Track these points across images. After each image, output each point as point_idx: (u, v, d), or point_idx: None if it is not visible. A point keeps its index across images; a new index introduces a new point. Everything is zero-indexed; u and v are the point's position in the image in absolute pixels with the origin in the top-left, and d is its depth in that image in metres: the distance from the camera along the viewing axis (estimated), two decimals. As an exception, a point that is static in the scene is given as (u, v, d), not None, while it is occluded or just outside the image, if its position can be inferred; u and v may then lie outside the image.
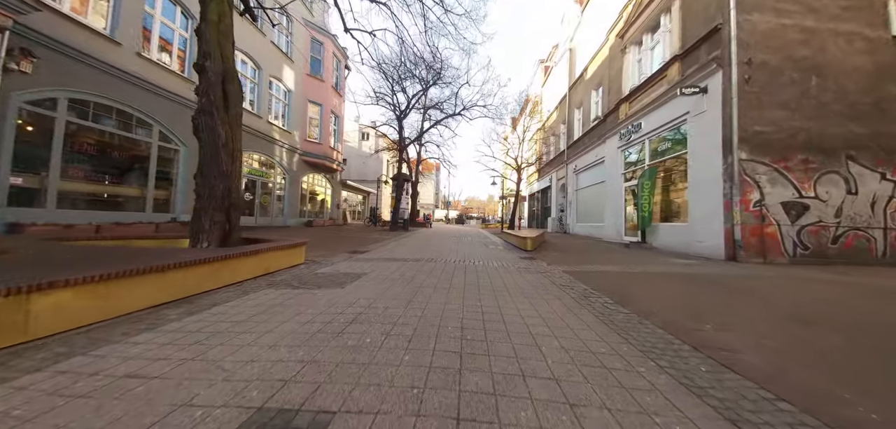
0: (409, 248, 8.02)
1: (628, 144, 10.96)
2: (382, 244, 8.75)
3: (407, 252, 7.06)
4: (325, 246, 7.93)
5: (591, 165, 14.37)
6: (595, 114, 14.61)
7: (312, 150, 16.84)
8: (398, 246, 8.41)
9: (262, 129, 13.61)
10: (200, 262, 3.16)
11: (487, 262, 5.97)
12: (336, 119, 19.64)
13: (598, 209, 13.47)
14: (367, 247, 7.93)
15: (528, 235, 8.73)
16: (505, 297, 3.35)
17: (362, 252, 6.86)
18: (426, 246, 8.59)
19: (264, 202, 14.03)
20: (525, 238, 8.30)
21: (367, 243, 8.85)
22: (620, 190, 11.33)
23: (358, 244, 8.54)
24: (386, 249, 7.68)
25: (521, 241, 8.57)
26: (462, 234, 15.65)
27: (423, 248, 8.10)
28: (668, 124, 8.83)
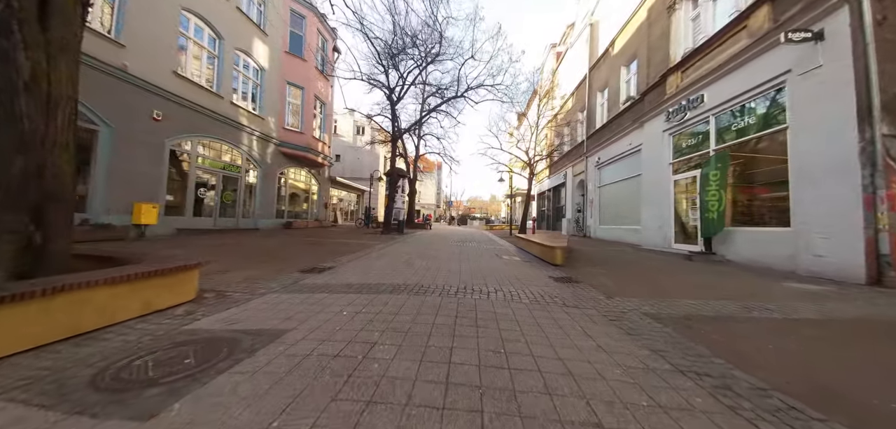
0: (394, 261, 5.83)
1: (680, 125, 8.71)
2: (361, 255, 6.57)
3: (387, 271, 4.88)
4: (278, 258, 5.79)
5: (621, 155, 12.12)
6: (626, 94, 12.36)
7: (292, 139, 14.70)
8: (380, 258, 6.23)
9: (224, 111, 11.47)
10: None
11: (507, 289, 3.79)
12: (322, 106, 17.50)
13: (631, 209, 11.22)
14: (337, 259, 5.78)
15: (550, 243, 6.52)
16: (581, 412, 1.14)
17: (323, 270, 4.70)
18: (418, 258, 6.39)
19: (227, 200, 11.88)
20: (551, 247, 6.09)
21: (342, 253, 6.68)
22: (667, 184, 9.07)
23: (328, 255, 6.38)
24: (361, 263, 5.50)
25: (544, 250, 6.37)
26: (465, 237, 13.46)
27: (414, 260, 5.91)
28: (752, 92, 6.59)
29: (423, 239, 11.93)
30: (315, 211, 18.69)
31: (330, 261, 5.67)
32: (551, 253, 6.08)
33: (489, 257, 6.85)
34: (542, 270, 5.36)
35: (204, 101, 10.70)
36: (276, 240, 9.53)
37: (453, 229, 24.74)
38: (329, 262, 5.55)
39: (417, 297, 3.31)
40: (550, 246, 6.19)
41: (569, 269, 5.56)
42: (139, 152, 8.85)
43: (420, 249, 7.99)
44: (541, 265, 5.93)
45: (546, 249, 6.38)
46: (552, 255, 6.04)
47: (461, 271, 4.99)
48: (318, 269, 4.87)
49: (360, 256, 6.37)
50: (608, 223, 13.41)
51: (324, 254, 6.71)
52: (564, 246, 6.05)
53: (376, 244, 9.12)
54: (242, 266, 4.98)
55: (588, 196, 15.78)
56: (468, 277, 4.57)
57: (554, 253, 5.98)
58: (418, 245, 9.28)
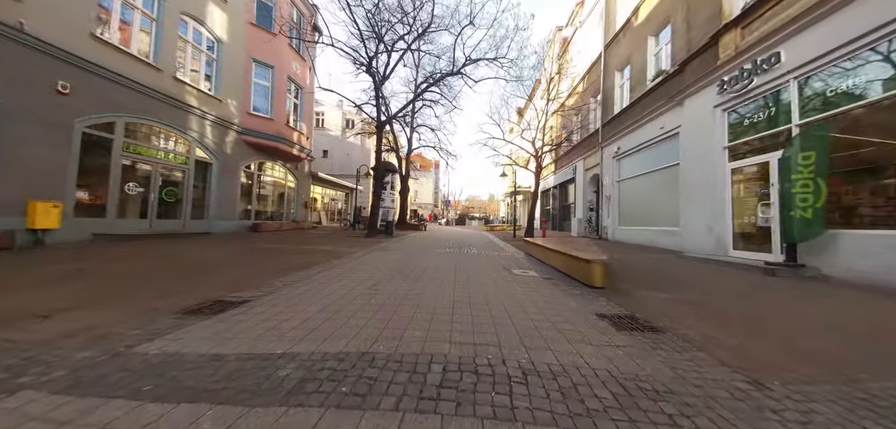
0: (356, 283, 3.91)
1: (741, 97, 6.83)
2: (316, 272, 4.66)
3: (331, 309, 3.02)
4: (191, 280, 3.95)
5: (649, 142, 10.24)
6: (655, 70, 10.49)
7: (259, 127, 12.71)
8: (341, 278, 4.31)
9: (164, 88, 9.50)
10: None
11: (544, 357, 1.84)
12: (299, 91, 15.52)
13: (664, 206, 9.35)
14: (276, 280, 3.91)
15: (579, 253, 4.65)
16: None
17: (228, 307, 2.91)
18: (396, 277, 4.48)
19: (169, 198, 9.87)
20: (584, 261, 4.21)
21: (293, 269, 4.79)
22: (721, 174, 7.19)
23: (271, 271, 4.51)
24: (302, 291, 3.63)
25: (572, 264, 4.52)
26: (463, 240, 11.55)
27: (387, 283, 4.00)
28: (861, 42, 4.71)
29: (412, 244, 10.00)
30: (293, 211, 16.70)
31: (262, 284, 3.75)
32: (585, 269, 4.17)
33: (495, 273, 4.92)
34: (580, 300, 3.46)
35: (135, 74, 8.71)
36: (225, 248, 7.58)
37: (450, 230, 22.82)
38: (256, 287, 3.64)
39: (338, 417, 1.40)
40: (582, 258, 4.28)
41: (616, 295, 3.67)
42: (36, 134, 6.88)
43: (404, 261, 6.05)
44: (570, 287, 4.03)
45: (575, 263, 4.47)
46: (586, 272, 4.13)
47: (455, 308, 3.06)
48: (224, 303, 2.99)
49: (314, 275, 4.44)
50: (631, 224, 11.53)
51: (267, 269, 4.80)
52: (603, 259, 4.11)
53: (351, 252, 7.18)
54: (105, 299, 3.08)
55: (604, 192, 13.90)
56: (466, 322, 2.66)
57: (590, 270, 4.07)
58: (404, 253, 7.35)
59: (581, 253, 4.57)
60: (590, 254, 4.50)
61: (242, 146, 12.44)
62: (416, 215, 44.07)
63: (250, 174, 13.36)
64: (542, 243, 6.91)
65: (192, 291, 3.51)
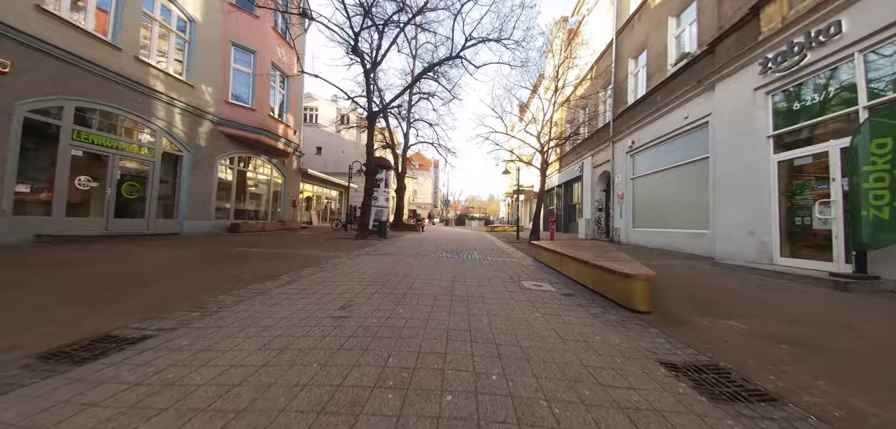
0: (321, 305, 2.96)
1: (791, 76, 5.88)
2: (275, 287, 3.70)
3: (264, 354, 2.00)
4: (104, 299, 2.90)
5: (670, 135, 9.30)
6: (677, 53, 9.55)
7: (239, 117, 11.72)
8: (302, 296, 3.35)
9: (125, 70, 8.53)
10: None
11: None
12: (285, 80, 14.53)
13: (689, 206, 8.43)
14: (220, 297, 2.90)
15: (613, 264, 3.69)
16: None
17: (101, 355, 1.81)
18: (374, 296, 3.55)
19: (130, 194, 8.87)
20: (621, 276, 3.25)
21: (251, 280, 3.82)
22: (765, 166, 6.24)
23: (221, 286, 3.51)
24: (235, 318, 2.68)
25: (604, 279, 3.57)
26: (463, 242, 10.56)
27: (360, 304, 3.05)
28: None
29: (406, 247, 9.03)
30: (280, 211, 15.71)
31: (197, 303, 2.80)
32: (622, 286, 3.21)
33: (502, 288, 3.95)
34: (624, 332, 2.50)
35: (89, 53, 7.75)
36: (184, 253, 6.61)
37: (449, 231, 21.83)
38: (186, 308, 2.66)
39: None
40: (618, 271, 3.31)
41: (671, 324, 2.71)
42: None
43: (391, 270, 5.08)
44: (601, 308, 3.07)
45: (605, 277, 3.50)
46: (624, 290, 3.17)
47: (449, 351, 2.09)
48: (113, 342, 2.02)
49: (272, 290, 3.47)
50: (647, 225, 10.59)
51: (217, 281, 3.86)
52: (648, 273, 3.14)
53: (332, 257, 6.22)
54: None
55: (615, 190, 12.96)
56: (465, 381, 1.68)
57: (629, 288, 3.11)
58: (394, 259, 6.38)
59: (613, 263, 3.61)
60: (624, 263, 3.53)
61: (220, 138, 11.45)
62: (414, 215, 43.14)
63: (229, 169, 12.36)
64: (553, 248, 5.95)
65: (87, 317, 2.54)
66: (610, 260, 3.83)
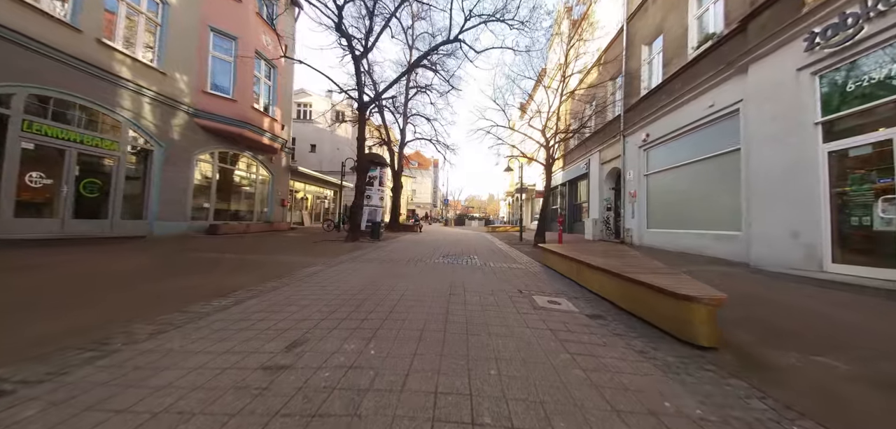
0: (261, 343, 2.18)
1: (844, 53, 5.11)
2: (214, 310, 2.94)
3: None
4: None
5: (693, 125, 8.52)
6: (699, 35, 8.78)
7: (218, 109, 10.92)
8: (243, 328, 2.58)
9: (85, 53, 7.77)
10: None
11: None
12: (271, 71, 13.72)
13: (717, 203, 7.66)
14: (131, 327, 2.10)
15: (657, 280, 2.90)
16: None
17: None
18: (346, 317, 2.80)
19: (91, 192, 8.07)
20: (683, 299, 2.44)
21: (192, 299, 3.06)
22: (812, 158, 5.47)
23: (144, 308, 2.74)
24: (116, 373, 1.87)
25: (646, 299, 2.77)
26: (462, 244, 9.76)
27: (315, 343, 2.27)
28: None
29: (399, 251, 8.25)
30: (267, 211, 14.90)
31: (93, 337, 2.00)
32: (676, 311, 2.41)
33: (510, 308, 3.16)
34: (701, 393, 1.71)
35: (44, 35, 6.98)
36: (141, 258, 5.84)
37: (448, 232, 21.04)
38: (57, 352, 1.86)
39: None
40: (674, 292, 2.51)
41: (758, 370, 1.93)
42: None
43: (375, 282, 4.30)
44: (652, 343, 2.28)
45: (651, 296, 2.71)
46: (680, 316, 2.38)
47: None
48: None
49: (209, 315, 2.70)
50: (664, 226, 9.81)
51: (146, 300, 3.08)
52: (715, 295, 2.32)
53: (310, 265, 5.44)
54: None
55: (626, 188, 12.19)
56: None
57: (688, 314, 2.32)
58: (382, 267, 5.60)
59: (658, 277, 2.82)
60: (673, 279, 2.74)
61: (196, 132, 10.65)
62: (413, 215, 42.33)
63: (208, 166, 11.55)
64: (567, 253, 5.16)
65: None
66: (651, 273, 3.04)
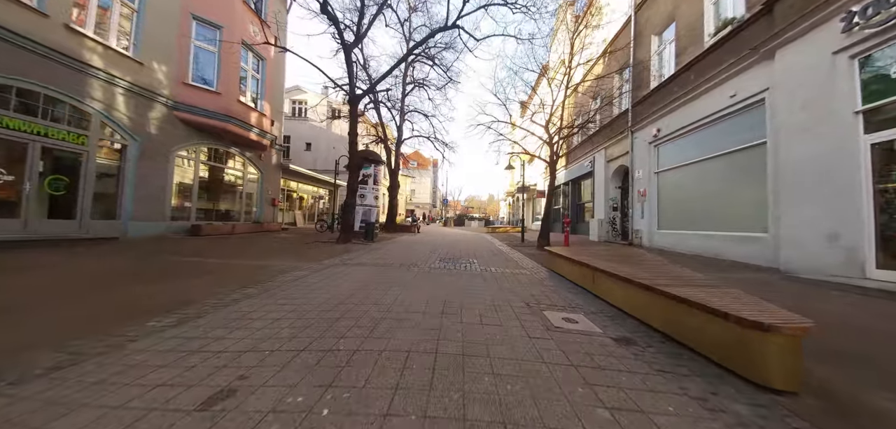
0: (182, 390, 1.62)
1: (886, 33, 4.59)
2: (142, 337, 2.38)
3: None
4: None
5: (710, 118, 7.99)
6: (717, 21, 8.25)
7: (200, 102, 10.35)
8: (166, 364, 2.04)
9: (53, 40, 7.25)
10: None
11: None
12: (259, 63, 13.16)
13: (739, 202, 7.16)
14: (38, 362, 1.52)
15: (698, 294, 2.37)
16: None
17: None
18: (307, 347, 2.27)
19: (57, 190, 7.50)
20: (753, 327, 1.91)
21: (125, 318, 2.49)
22: (852, 151, 4.95)
23: (60, 333, 2.13)
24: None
25: (680, 316, 2.23)
26: (461, 247, 9.22)
27: (251, 397, 1.70)
28: None
29: (392, 254, 7.71)
30: (256, 211, 14.34)
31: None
32: (738, 341, 1.87)
33: (520, 331, 2.60)
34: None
35: (5, 19, 6.47)
36: (98, 264, 5.31)
37: (447, 232, 20.49)
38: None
39: None
40: (740, 317, 1.97)
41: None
42: None
43: (357, 295, 3.76)
44: (709, 387, 1.74)
45: (698, 318, 2.17)
46: (745, 348, 1.83)
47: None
48: None
49: (123, 346, 2.14)
50: (677, 226, 9.28)
51: (62, 325, 2.49)
52: (799, 324, 1.78)
53: (288, 272, 4.89)
54: None
55: (635, 186, 11.66)
56: None
57: (759, 346, 1.76)
58: (369, 274, 5.06)
59: (713, 297, 2.27)
60: (735, 301, 2.19)
61: (176, 126, 10.07)
62: (411, 216, 41.82)
63: (190, 162, 10.97)
64: (579, 258, 4.62)
65: None
66: (692, 287, 2.49)
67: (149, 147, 9.24)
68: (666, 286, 2.49)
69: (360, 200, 13.49)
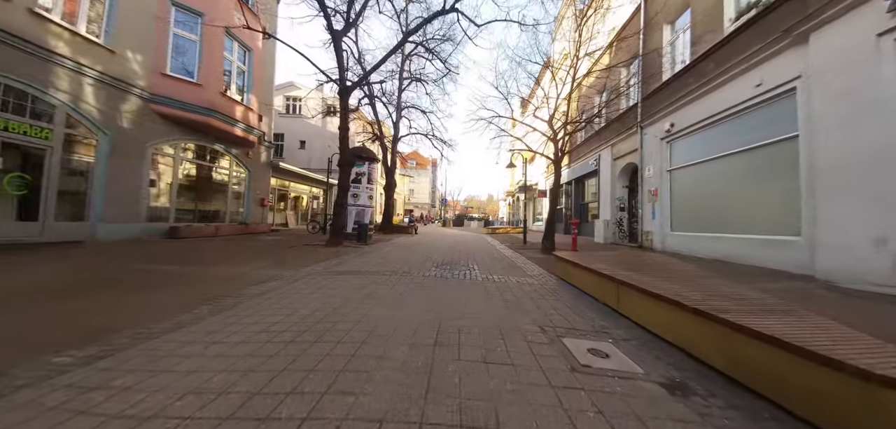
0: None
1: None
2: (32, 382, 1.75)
3: None
4: None
5: (732, 109, 7.48)
6: (737, 4, 7.70)
7: (179, 94, 9.76)
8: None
9: (14, 24, 6.72)
10: None
11: None
12: (246, 54, 12.58)
13: (766, 202, 6.63)
14: None
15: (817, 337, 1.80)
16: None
17: None
18: (245, 400, 1.60)
19: (16, 189, 6.90)
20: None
21: (36, 346, 1.86)
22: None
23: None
24: None
25: (764, 365, 1.70)
26: (459, 250, 8.66)
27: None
28: None
29: (385, 259, 7.17)
30: (243, 211, 13.76)
31: None
32: (862, 401, 1.32)
33: (537, 375, 2.07)
34: None
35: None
36: (41, 272, 4.74)
37: (446, 233, 19.95)
38: None
39: None
40: (851, 366, 1.43)
41: None
42: None
43: (330, 315, 3.24)
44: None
45: (791, 365, 1.63)
46: (869, 414, 1.28)
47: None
48: None
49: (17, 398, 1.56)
50: (692, 228, 8.76)
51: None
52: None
53: (259, 283, 4.35)
54: None
55: (644, 185, 11.14)
56: None
57: (888, 402, 1.22)
58: (353, 286, 4.53)
59: (812, 336, 1.74)
60: (846, 341, 1.66)
61: (153, 119, 9.48)
62: (409, 216, 41.27)
63: (169, 159, 10.36)
64: (593, 266, 4.08)
65: None
66: (782, 321, 1.94)
67: (121, 142, 8.65)
68: (725, 313, 1.95)
69: (353, 200, 12.93)
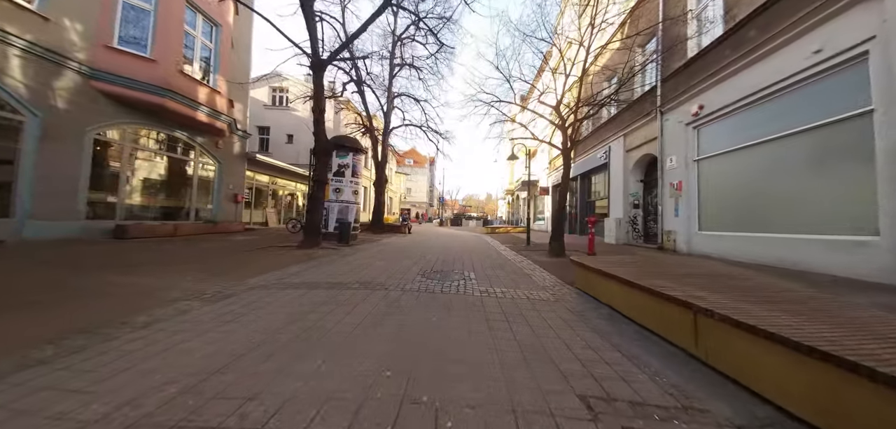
0: None
1: None
2: None
3: None
4: None
5: (779, 85, 6.46)
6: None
7: (128, 70, 8.62)
8: None
9: None
10: None
11: None
12: (213, 29, 11.47)
13: (827, 195, 5.67)
14: None
15: None
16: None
17: None
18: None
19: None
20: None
21: None
22: None
23: None
24: None
25: None
26: (456, 252, 7.64)
27: None
28: None
29: (364, 266, 6.15)
30: (212, 207, 12.65)
31: None
32: None
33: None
34: None
35: None
36: None
37: (442, 233, 18.91)
38: None
39: None
40: None
41: None
42: None
43: (195, 382, 2.18)
44: None
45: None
46: None
47: None
48: None
49: None
50: (726, 227, 7.78)
51: None
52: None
53: (169, 305, 3.31)
54: None
55: (665, 178, 10.14)
56: None
57: None
58: (298, 308, 3.53)
59: None
60: None
61: (96, 99, 8.35)
62: (404, 215, 40.21)
63: (117, 146, 9.22)
64: (642, 283, 3.07)
65: None
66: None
67: (55, 125, 7.53)
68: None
69: (335, 195, 11.88)
